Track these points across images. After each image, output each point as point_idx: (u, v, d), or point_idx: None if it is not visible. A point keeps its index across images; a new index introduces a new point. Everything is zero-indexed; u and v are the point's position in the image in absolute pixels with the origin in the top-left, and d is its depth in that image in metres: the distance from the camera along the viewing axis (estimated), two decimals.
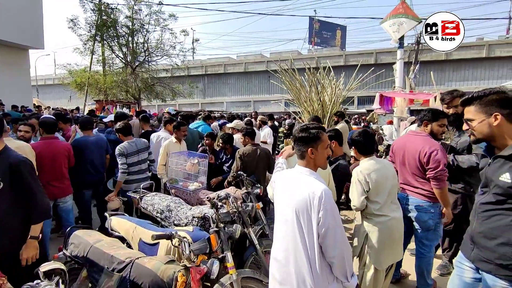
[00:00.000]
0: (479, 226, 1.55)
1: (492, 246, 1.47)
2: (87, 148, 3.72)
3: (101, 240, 2.13)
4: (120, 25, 14.77)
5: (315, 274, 1.42)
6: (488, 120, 1.45)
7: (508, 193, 1.41)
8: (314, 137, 1.51)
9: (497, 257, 1.45)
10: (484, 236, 1.52)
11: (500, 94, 1.44)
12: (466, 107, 1.55)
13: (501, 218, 1.45)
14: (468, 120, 1.54)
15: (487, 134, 1.48)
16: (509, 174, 1.40)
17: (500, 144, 1.48)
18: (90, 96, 14.75)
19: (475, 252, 1.58)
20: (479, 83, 23.38)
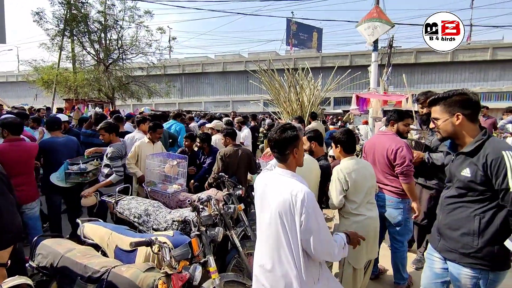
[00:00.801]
0: (444, 218, 1.67)
1: (456, 236, 1.58)
2: (55, 149, 3.49)
3: (73, 249, 1.99)
4: (92, 21, 14.04)
5: (300, 276, 1.41)
6: (451, 119, 1.56)
7: (469, 187, 1.53)
8: (295, 136, 1.50)
9: (460, 247, 1.57)
10: (449, 228, 1.62)
11: (463, 95, 1.55)
12: (433, 107, 1.65)
13: (463, 210, 1.57)
14: (434, 119, 1.64)
15: (450, 132, 1.59)
16: (469, 169, 1.51)
17: (462, 141, 1.60)
18: (59, 94, 13.89)
19: (442, 243, 1.68)
20: (445, 85, 24.90)
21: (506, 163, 1.40)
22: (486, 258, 1.50)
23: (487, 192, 1.48)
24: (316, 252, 1.39)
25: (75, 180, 3.42)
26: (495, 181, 1.43)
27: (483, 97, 23.74)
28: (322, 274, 1.51)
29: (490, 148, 1.47)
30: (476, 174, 1.49)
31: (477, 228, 1.50)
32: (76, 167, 3.42)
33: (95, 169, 3.57)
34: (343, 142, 2.36)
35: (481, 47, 23.91)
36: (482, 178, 1.47)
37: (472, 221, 1.52)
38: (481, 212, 1.50)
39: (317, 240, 1.37)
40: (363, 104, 7.25)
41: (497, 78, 24.34)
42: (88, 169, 3.48)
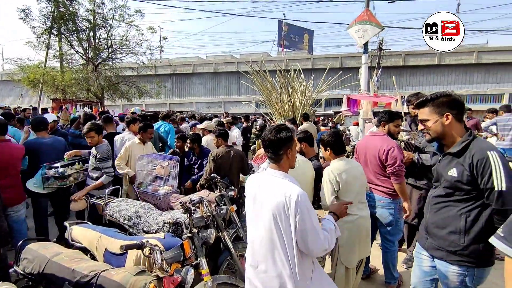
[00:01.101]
0: (432, 217, 1.70)
1: (443, 234, 1.62)
2: (41, 150, 3.39)
3: (60, 253, 1.93)
4: (80, 19, 13.75)
5: (295, 276, 1.41)
6: (441, 120, 1.60)
7: (455, 186, 1.57)
8: (289, 137, 1.50)
9: (447, 245, 1.60)
10: (436, 226, 1.66)
11: (449, 96, 1.61)
12: (421, 109, 1.68)
13: (450, 209, 1.61)
14: (423, 120, 1.67)
15: (440, 132, 1.62)
16: (455, 169, 1.56)
17: (449, 142, 1.64)
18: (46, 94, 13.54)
19: (429, 241, 1.72)
20: (432, 88, 25.50)
21: (491, 163, 1.45)
22: (472, 256, 1.54)
23: (473, 192, 1.52)
24: (313, 251, 1.40)
25: (53, 185, 3.21)
26: (481, 180, 1.47)
27: (468, 99, 24.43)
28: (315, 273, 1.52)
29: (475, 149, 1.52)
30: (463, 174, 1.53)
31: (463, 226, 1.54)
32: (54, 171, 3.20)
33: (76, 172, 3.39)
34: (332, 144, 2.38)
35: (466, 51, 24.59)
36: (468, 178, 1.51)
37: (459, 220, 1.56)
38: (467, 211, 1.55)
39: (313, 239, 1.38)
40: (354, 105, 7.36)
41: (481, 81, 25.08)
42: (67, 173, 3.28)
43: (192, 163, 4.11)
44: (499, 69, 24.43)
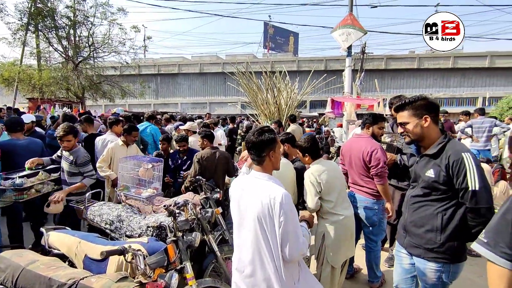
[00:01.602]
0: (410, 216, 1.77)
1: (421, 233, 1.69)
2: (15, 152, 3.24)
3: (36, 260, 1.83)
4: (60, 16, 13.22)
5: (281, 278, 1.41)
6: (420, 122, 1.66)
7: (432, 186, 1.64)
8: (272, 139, 1.50)
9: (424, 242, 1.67)
10: (414, 225, 1.73)
11: (426, 99, 1.68)
12: (400, 113, 1.74)
13: (427, 209, 1.68)
14: (403, 123, 1.73)
15: (419, 134, 1.69)
16: (432, 170, 1.62)
17: (427, 143, 1.71)
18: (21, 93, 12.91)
19: (407, 239, 1.79)
20: (412, 91, 26.41)
21: (465, 164, 1.52)
22: (448, 252, 1.62)
23: (448, 191, 1.60)
24: (291, 254, 1.40)
25: (8, 199, 2.76)
26: (456, 180, 1.55)
27: (446, 102, 25.52)
28: (301, 274, 1.53)
29: (451, 151, 1.59)
30: (439, 174, 1.59)
31: (439, 224, 1.61)
32: (10, 182, 2.71)
33: (40, 183, 2.93)
34: (309, 149, 2.44)
35: (443, 56, 25.66)
36: (445, 178, 1.58)
37: (435, 218, 1.63)
38: (443, 209, 1.62)
39: (293, 242, 1.39)
40: (338, 107, 7.50)
41: (457, 85, 26.25)
42: (27, 185, 2.79)
43: (179, 164, 4.04)
44: (474, 74, 25.68)
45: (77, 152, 3.09)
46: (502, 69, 24.78)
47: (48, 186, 2.85)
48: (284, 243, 1.38)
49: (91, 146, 4.08)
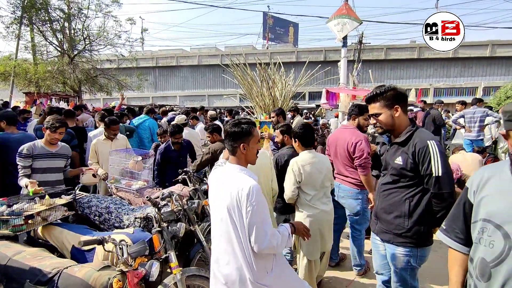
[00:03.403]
0: (380, 203, 1.83)
1: (390, 219, 1.75)
2: (9, 146, 3.27)
3: (22, 251, 1.90)
4: (53, 8, 13.07)
5: (252, 267, 1.45)
6: (391, 112, 1.71)
7: (401, 174, 1.70)
8: (246, 132, 1.52)
9: (393, 228, 1.74)
10: (384, 211, 1.79)
11: (395, 90, 1.72)
12: (372, 104, 1.77)
13: (396, 195, 1.74)
14: (375, 115, 1.76)
15: (391, 124, 1.73)
16: (401, 158, 1.68)
17: (397, 132, 1.76)
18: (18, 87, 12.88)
19: (379, 225, 1.85)
20: (412, 81, 26.21)
21: (430, 151, 1.58)
22: (414, 237, 1.68)
23: (415, 178, 1.66)
24: (258, 246, 1.42)
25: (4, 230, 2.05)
26: (421, 167, 1.61)
27: (445, 92, 25.33)
28: (275, 265, 1.56)
29: (418, 138, 1.65)
30: (407, 162, 1.65)
31: (407, 210, 1.68)
32: (8, 211, 2.09)
33: (49, 209, 2.27)
34: (300, 136, 2.46)
35: None
36: (412, 165, 1.64)
37: (404, 204, 1.69)
38: (411, 196, 1.68)
39: (259, 233, 1.41)
40: (333, 98, 7.47)
41: (458, 74, 26.00)
42: (29, 213, 2.12)
43: (178, 156, 4.00)
44: (474, 63, 25.40)
45: (65, 149, 3.10)
46: (502, 58, 24.51)
47: (57, 213, 2.33)
48: (250, 234, 1.42)
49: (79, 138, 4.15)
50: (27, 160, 2.81)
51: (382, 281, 1.98)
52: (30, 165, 2.84)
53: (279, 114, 4.45)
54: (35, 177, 2.81)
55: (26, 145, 2.86)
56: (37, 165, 2.86)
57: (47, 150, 2.92)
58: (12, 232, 2.01)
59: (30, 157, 2.83)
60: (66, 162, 3.07)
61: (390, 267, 1.90)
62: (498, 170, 1.09)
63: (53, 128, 2.88)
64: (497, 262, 0.98)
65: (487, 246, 1.02)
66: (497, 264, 0.98)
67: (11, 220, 2.01)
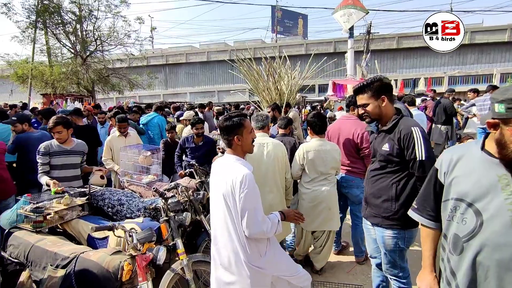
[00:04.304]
0: (370, 188, 1.92)
1: (379, 203, 1.84)
2: (32, 145, 3.51)
3: (44, 238, 2.08)
4: (65, 11, 13.48)
5: (245, 251, 1.57)
6: (378, 102, 1.79)
7: (388, 159, 1.78)
8: (237, 124, 1.63)
9: (382, 211, 1.83)
10: (373, 196, 1.88)
11: (381, 81, 1.79)
12: (360, 95, 1.85)
13: (384, 181, 1.82)
14: (363, 105, 1.84)
15: (378, 114, 1.81)
16: (388, 144, 1.77)
17: (384, 121, 1.84)
18: (35, 89, 13.45)
19: (368, 210, 1.94)
20: (426, 70, 25.47)
21: (414, 137, 1.68)
22: (401, 219, 1.76)
23: (401, 163, 1.75)
24: (249, 230, 1.52)
25: (27, 225, 2.23)
26: (406, 152, 1.70)
27: (460, 80, 24.48)
28: (269, 249, 1.67)
29: (403, 126, 1.74)
30: (393, 148, 1.74)
31: (394, 194, 1.77)
32: (30, 207, 2.26)
33: (66, 208, 2.42)
34: (311, 123, 2.71)
35: None
36: (398, 151, 1.73)
37: (391, 189, 1.78)
38: (397, 180, 1.77)
39: (250, 218, 1.51)
40: (340, 90, 7.44)
41: (474, 61, 25.06)
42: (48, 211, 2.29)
43: (194, 148, 3.93)
44: (492, 49, 24.38)
45: (81, 146, 3.24)
46: None
47: (73, 212, 2.45)
48: (242, 219, 1.52)
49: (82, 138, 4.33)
50: (45, 157, 3.01)
51: (376, 264, 2.06)
52: (48, 162, 3.03)
53: (275, 109, 4.57)
54: (53, 173, 3.02)
55: (43, 144, 3.06)
56: (54, 162, 3.06)
57: (62, 148, 3.10)
58: (33, 228, 2.19)
59: (47, 154, 3.02)
60: (82, 158, 3.24)
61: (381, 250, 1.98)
62: (467, 151, 1.15)
63: (49, 129, 3.07)
64: (469, 237, 1.06)
65: (460, 223, 1.09)
66: (469, 239, 1.06)
67: (32, 217, 2.21)
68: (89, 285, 1.79)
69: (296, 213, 1.81)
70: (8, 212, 2.46)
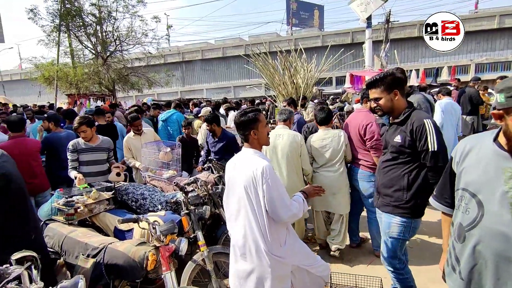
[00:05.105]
0: (381, 179, 1.96)
1: (390, 192, 1.90)
2: (61, 144, 3.73)
3: (75, 230, 2.23)
4: (86, 14, 13.99)
5: (267, 240, 1.61)
6: (391, 96, 1.82)
7: (400, 151, 1.83)
8: (253, 119, 1.67)
9: (393, 200, 1.88)
10: (385, 186, 1.93)
11: (394, 75, 1.81)
12: (372, 89, 1.87)
13: (395, 171, 1.87)
14: (376, 99, 1.87)
15: (390, 107, 1.85)
16: (400, 136, 1.82)
17: (395, 114, 1.88)
18: (61, 90, 14.12)
19: (380, 200, 2.00)
20: (450, 58, 24.21)
21: (426, 129, 1.71)
22: (411, 208, 1.82)
23: (413, 154, 1.79)
24: (281, 215, 1.59)
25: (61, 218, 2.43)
26: (418, 143, 1.73)
27: (489, 68, 23.12)
28: (289, 238, 1.71)
29: (415, 117, 1.78)
30: (405, 139, 1.78)
31: (406, 184, 1.81)
32: (63, 201, 2.44)
33: (96, 203, 2.57)
34: (315, 115, 2.97)
35: (487, 15, 22.97)
36: (410, 143, 1.76)
37: (403, 179, 1.83)
38: (409, 171, 1.81)
39: (280, 205, 1.58)
40: (358, 82, 7.27)
41: (504, 47, 23.52)
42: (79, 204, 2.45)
43: (212, 143, 4.01)
44: None
45: (107, 142, 3.42)
46: None
47: (101, 206, 2.61)
48: (272, 207, 1.58)
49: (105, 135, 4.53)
50: (73, 154, 3.22)
51: None
52: (76, 159, 3.24)
53: (290, 103, 4.55)
54: (82, 169, 3.23)
55: (71, 142, 3.28)
56: (82, 158, 3.27)
57: (88, 145, 3.29)
58: (66, 220, 2.38)
59: (75, 151, 3.23)
60: (108, 154, 3.41)
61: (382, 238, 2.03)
62: (480, 141, 1.15)
63: (74, 129, 3.27)
64: (471, 226, 1.09)
65: (464, 212, 1.13)
66: (470, 228, 1.10)
67: (65, 210, 2.39)
68: (117, 273, 1.91)
69: (314, 187, 1.88)
70: (46, 205, 2.66)
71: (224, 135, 4.02)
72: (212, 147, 4.05)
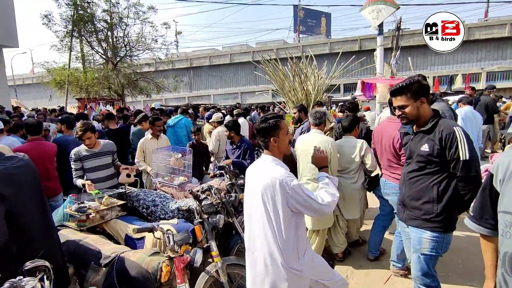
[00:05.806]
0: (407, 191, 1.86)
1: (418, 205, 1.79)
2: (67, 147, 3.71)
3: (87, 237, 2.17)
4: (98, 20, 14.27)
5: (284, 251, 1.54)
6: (417, 104, 1.75)
7: (427, 160, 1.74)
8: (274, 126, 1.61)
9: (423, 213, 1.78)
10: (412, 199, 1.83)
11: (419, 82, 1.74)
12: (398, 97, 1.80)
13: (423, 182, 1.78)
14: (401, 107, 1.79)
15: (416, 115, 1.78)
16: (427, 145, 1.73)
17: (421, 122, 1.80)
18: (71, 94, 14.33)
19: (406, 213, 1.89)
20: (460, 66, 23.96)
21: (457, 137, 1.63)
22: (443, 221, 1.72)
23: (441, 164, 1.70)
24: (321, 210, 1.54)
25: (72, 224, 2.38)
26: (448, 152, 1.66)
27: (501, 76, 22.75)
28: (307, 251, 1.63)
29: (444, 126, 1.70)
30: (433, 148, 1.70)
31: (436, 195, 1.72)
32: (76, 206, 2.40)
33: (107, 209, 2.52)
34: (340, 123, 3.10)
35: (498, 24, 22.72)
36: (438, 151, 1.69)
37: (432, 190, 1.73)
38: (438, 181, 1.72)
39: (313, 203, 1.52)
40: (369, 89, 7.18)
41: None
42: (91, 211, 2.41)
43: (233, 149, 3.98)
44: None
45: (110, 145, 3.30)
46: None
47: (112, 212, 2.56)
48: (308, 208, 1.53)
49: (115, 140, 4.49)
50: (77, 163, 3.10)
51: None
52: (81, 167, 3.11)
53: (301, 110, 4.44)
54: (89, 176, 3.10)
55: (73, 151, 3.14)
56: (87, 165, 3.13)
57: (91, 151, 3.14)
58: (77, 227, 2.32)
59: (78, 160, 3.10)
60: (112, 157, 3.30)
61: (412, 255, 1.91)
62: None
63: (78, 138, 3.10)
64: None
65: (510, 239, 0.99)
66: None
67: (77, 216, 2.34)
68: (130, 284, 1.83)
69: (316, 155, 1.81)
70: (60, 209, 2.60)
71: (242, 142, 3.96)
72: (231, 154, 4.01)
